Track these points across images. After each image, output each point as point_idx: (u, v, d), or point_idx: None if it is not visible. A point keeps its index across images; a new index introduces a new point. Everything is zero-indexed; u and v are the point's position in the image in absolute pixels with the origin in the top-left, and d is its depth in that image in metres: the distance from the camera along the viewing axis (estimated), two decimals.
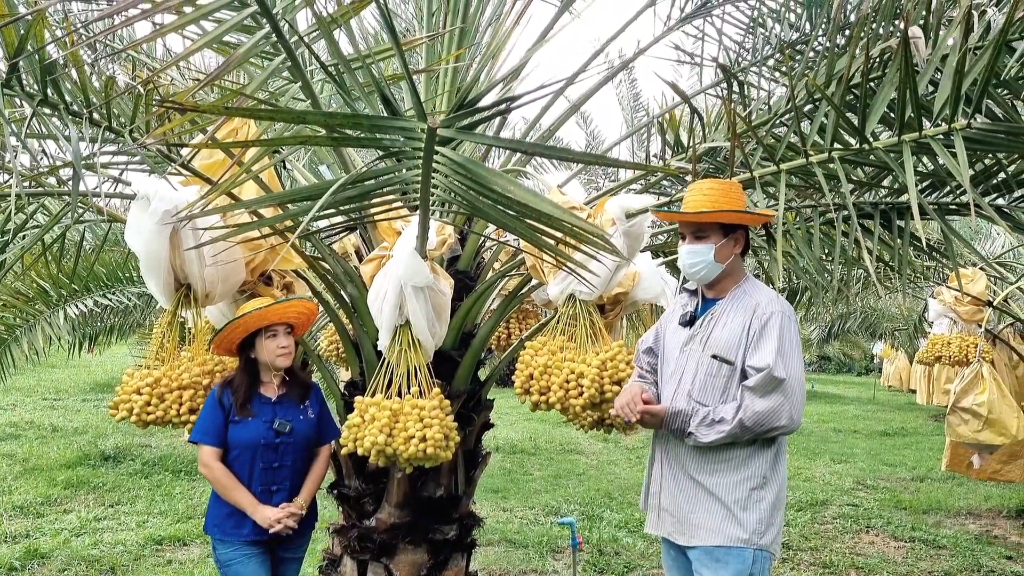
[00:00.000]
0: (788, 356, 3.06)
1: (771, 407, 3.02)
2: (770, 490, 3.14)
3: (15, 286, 6.84)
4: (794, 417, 3.06)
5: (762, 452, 3.15)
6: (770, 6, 4.38)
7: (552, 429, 13.51)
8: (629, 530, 7.63)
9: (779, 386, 3.02)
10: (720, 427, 3.07)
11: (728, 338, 3.15)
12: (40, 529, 7.02)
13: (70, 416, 13.35)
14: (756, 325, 3.10)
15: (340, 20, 2.60)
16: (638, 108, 11.05)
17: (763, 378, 3.02)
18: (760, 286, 3.27)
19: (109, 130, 3.04)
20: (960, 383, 7.52)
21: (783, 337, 3.07)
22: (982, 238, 9.06)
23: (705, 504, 3.17)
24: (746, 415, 3.02)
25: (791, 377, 3.04)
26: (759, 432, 3.06)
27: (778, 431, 3.07)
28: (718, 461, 3.16)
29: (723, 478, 3.14)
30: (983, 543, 7.51)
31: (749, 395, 3.04)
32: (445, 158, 2.01)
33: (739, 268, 3.28)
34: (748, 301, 3.18)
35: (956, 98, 2.58)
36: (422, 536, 3.95)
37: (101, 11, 3.22)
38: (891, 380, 23.47)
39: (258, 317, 3.57)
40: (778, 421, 3.03)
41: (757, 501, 3.12)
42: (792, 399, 3.05)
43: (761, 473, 3.13)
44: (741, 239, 3.23)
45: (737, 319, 3.16)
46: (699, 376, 3.21)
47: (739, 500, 3.11)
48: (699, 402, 3.18)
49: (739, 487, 3.12)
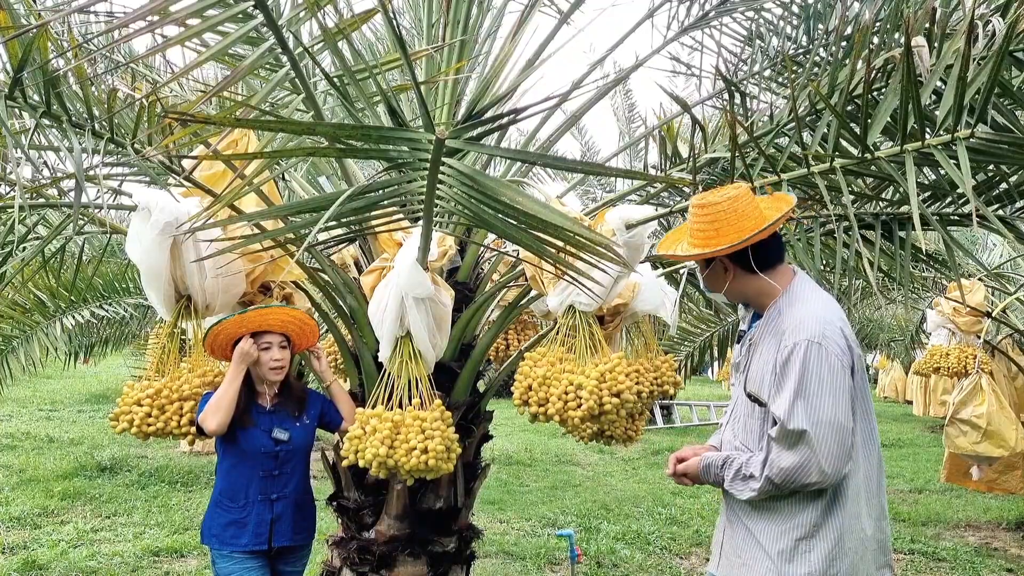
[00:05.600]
0: (812, 398, 2.60)
1: (797, 463, 2.62)
2: (823, 539, 2.70)
3: (13, 297, 6.82)
4: (826, 471, 2.60)
5: (811, 500, 2.73)
6: (767, 18, 4.39)
7: (548, 440, 13.49)
8: (627, 542, 7.61)
9: (801, 439, 2.61)
10: (752, 484, 2.74)
11: (760, 372, 2.76)
12: (37, 540, 6.98)
13: (66, 427, 13.30)
14: (779, 360, 2.68)
15: (345, 32, 2.60)
16: (634, 119, 11.10)
17: (779, 432, 2.65)
18: (798, 300, 2.81)
19: (111, 142, 3.04)
20: (959, 394, 7.53)
21: (805, 376, 2.61)
22: (980, 249, 9.08)
23: (751, 552, 2.83)
24: (772, 471, 2.67)
25: (817, 424, 2.59)
26: (792, 488, 2.67)
27: (813, 486, 2.65)
28: (764, 508, 2.81)
29: (769, 525, 2.78)
30: (983, 555, 7.50)
31: (775, 447, 2.68)
32: (452, 169, 2.01)
33: (761, 287, 2.87)
34: (779, 324, 2.76)
35: (959, 108, 2.58)
36: (421, 548, 3.94)
37: (107, 23, 3.21)
38: (887, 391, 23.53)
39: (259, 315, 3.57)
40: (808, 477, 2.62)
41: (805, 552, 2.71)
42: (821, 450, 2.59)
43: (810, 522, 2.72)
44: (729, 265, 2.86)
45: (769, 349, 2.75)
46: (741, 415, 2.91)
47: (784, 552, 2.74)
48: (743, 444, 2.87)
49: (783, 537, 2.74)
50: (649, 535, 7.84)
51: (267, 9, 2.44)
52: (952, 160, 2.66)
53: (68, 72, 2.91)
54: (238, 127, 2.05)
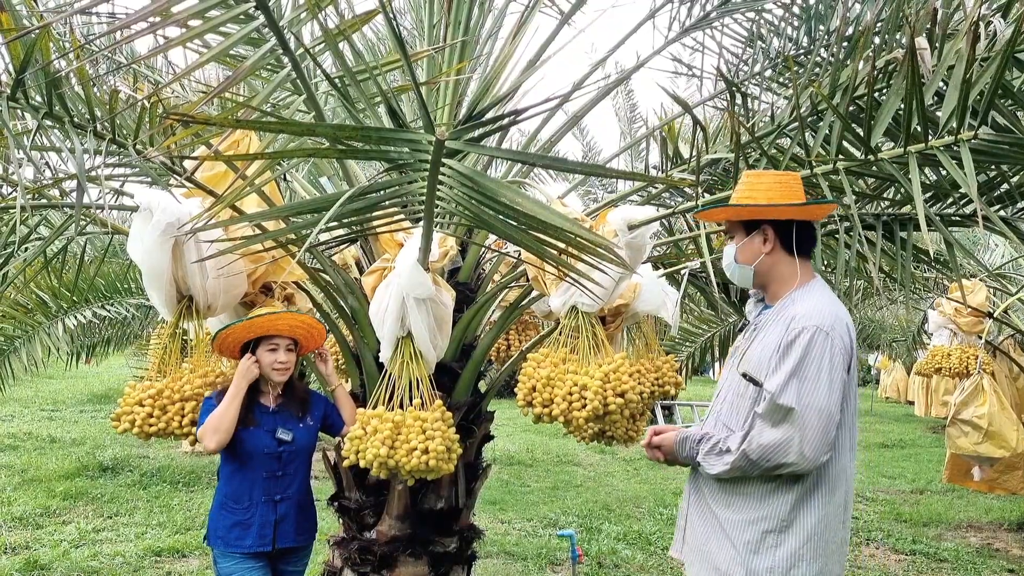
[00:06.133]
0: (808, 382, 2.63)
1: (778, 440, 2.64)
2: (792, 536, 2.71)
3: (15, 298, 6.83)
4: (805, 453, 2.62)
5: (782, 490, 2.73)
6: (768, 19, 4.39)
7: (549, 440, 13.48)
8: (628, 542, 7.61)
9: (787, 416, 2.63)
10: (726, 458, 2.75)
11: (761, 355, 2.78)
12: (39, 540, 6.99)
13: (68, 427, 13.30)
14: (784, 341, 2.70)
15: (346, 33, 2.60)
16: (635, 119, 11.10)
17: (767, 406, 2.67)
18: (814, 293, 2.84)
19: (113, 143, 3.04)
20: (960, 395, 7.53)
21: (806, 359, 2.64)
22: (981, 249, 9.07)
23: (717, 539, 2.83)
24: (751, 446, 2.68)
25: (807, 407, 2.61)
26: (765, 467, 2.68)
27: (785, 468, 2.67)
28: (734, 494, 2.81)
29: (737, 514, 2.79)
30: (984, 556, 7.49)
31: (759, 423, 2.70)
32: (452, 170, 2.02)
33: (787, 271, 2.88)
34: (790, 312, 2.78)
35: (962, 109, 2.58)
36: (423, 549, 3.94)
37: (109, 24, 3.21)
38: (889, 391, 23.51)
39: (269, 321, 3.57)
40: (786, 457, 2.64)
41: (772, 547, 2.71)
42: (805, 432, 2.62)
43: (778, 515, 2.72)
44: (770, 236, 2.86)
45: (774, 333, 2.78)
46: (729, 396, 2.93)
47: (750, 543, 2.74)
48: (726, 424, 2.88)
49: (751, 527, 2.75)
50: (650, 535, 7.84)
51: (268, 10, 2.44)
52: (955, 161, 2.66)
53: (70, 73, 2.91)
54: (239, 128, 2.05)
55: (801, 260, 2.87)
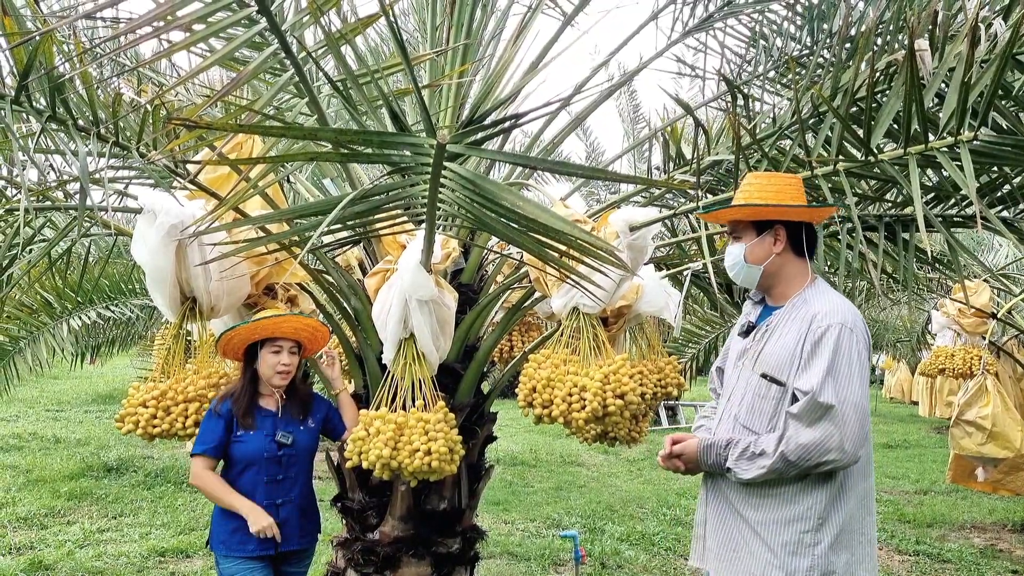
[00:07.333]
0: (842, 378, 2.65)
1: (817, 439, 2.63)
2: (827, 532, 2.71)
3: (20, 299, 6.85)
4: (847, 449, 2.63)
5: (817, 488, 2.73)
6: (771, 18, 4.40)
7: (552, 441, 13.48)
8: (631, 543, 7.61)
9: (827, 414, 2.63)
10: (761, 461, 2.71)
11: (780, 354, 2.79)
12: (44, 541, 7.01)
13: (73, 427, 13.33)
14: (810, 340, 2.72)
15: (348, 36, 2.61)
16: (638, 120, 11.11)
17: (807, 404, 2.65)
18: (826, 292, 2.88)
19: (116, 145, 3.06)
20: (964, 395, 7.52)
21: (838, 355, 2.67)
22: (985, 250, 9.06)
23: (749, 545, 2.81)
24: (788, 447, 2.66)
25: (844, 403, 2.63)
26: (805, 467, 2.66)
27: (828, 466, 2.66)
28: (764, 495, 2.79)
29: (769, 514, 2.77)
30: (988, 557, 7.48)
31: (794, 424, 2.68)
32: (453, 173, 2.03)
33: (795, 271, 2.92)
34: (806, 311, 2.80)
35: (962, 111, 2.59)
36: (425, 549, 3.95)
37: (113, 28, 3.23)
38: (893, 392, 23.44)
39: (273, 323, 3.58)
40: (826, 455, 2.63)
41: (810, 545, 2.71)
42: (845, 428, 2.62)
43: (815, 513, 2.72)
44: (781, 236, 2.89)
45: (792, 332, 2.79)
46: (747, 397, 2.89)
47: (788, 543, 2.72)
48: (746, 427, 2.86)
49: (787, 528, 2.73)
50: (654, 536, 7.84)
51: (271, 14, 2.45)
52: (955, 163, 2.67)
53: (74, 76, 2.92)
54: (241, 132, 2.07)
55: (807, 261, 2.94)
